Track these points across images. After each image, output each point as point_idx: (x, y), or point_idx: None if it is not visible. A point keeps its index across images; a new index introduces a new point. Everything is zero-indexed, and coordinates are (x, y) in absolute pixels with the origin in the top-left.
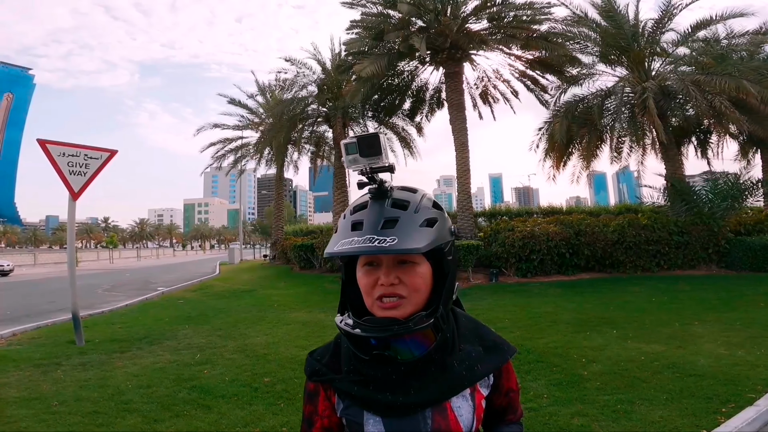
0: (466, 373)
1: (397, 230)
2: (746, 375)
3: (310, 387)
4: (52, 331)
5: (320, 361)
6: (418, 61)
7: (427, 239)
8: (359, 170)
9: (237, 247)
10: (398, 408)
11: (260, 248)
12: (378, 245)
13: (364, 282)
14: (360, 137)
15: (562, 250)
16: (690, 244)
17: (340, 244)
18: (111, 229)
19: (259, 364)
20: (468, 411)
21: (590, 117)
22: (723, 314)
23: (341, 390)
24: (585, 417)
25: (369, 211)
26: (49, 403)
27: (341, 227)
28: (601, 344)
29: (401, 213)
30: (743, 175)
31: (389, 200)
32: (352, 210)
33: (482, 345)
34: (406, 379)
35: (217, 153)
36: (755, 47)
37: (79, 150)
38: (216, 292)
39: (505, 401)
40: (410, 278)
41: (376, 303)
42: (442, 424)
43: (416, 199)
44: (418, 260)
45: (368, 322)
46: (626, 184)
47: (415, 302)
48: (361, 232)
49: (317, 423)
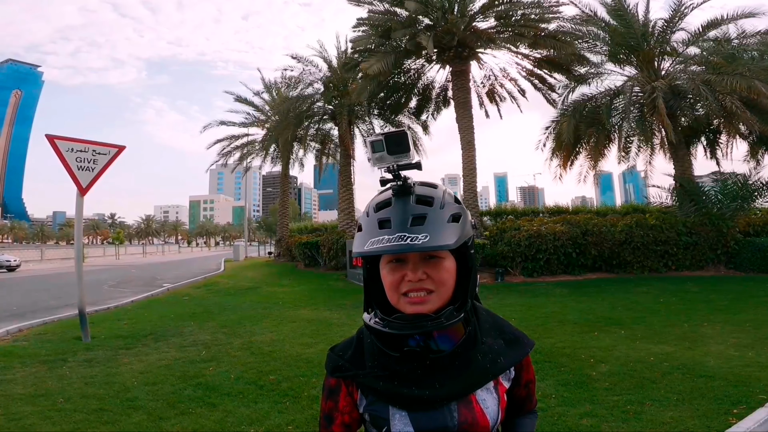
0: (490, 366)
1: (427, 227)
2: (757, 376)
3: (331, 383)
4: (58, 327)
5: (342, 356)
6: (424, 59)
7: (456, 235)
8: (385, 168)
9: (242, 244)
10: (424, 402)
11: (265, 246)
12: (410, 243)
13: (390, 279)
14: (387, 134)
15: (568, 249)
16: (698, 244)
17: (370, 243)
18: (117, 226)
19: (265, 361)
20: (493, 403)
21: (598, 116)
22: (732, 315)
23: (365, 385)
24: (594, 417)
25: (395, 209)
26: (55, 400)
27: (367, 225)
28: (609, 344)
29: (428, 209)
30: (753, 175)
31: (413, 196)
32: (375, 207)
33: (503, 338)
34: (432, 373)
35: (224, 150)
36: (766, 47)
37: (87, 146)
38: (221, 289)
39: (525, 392)
40: (437, 273)
41: (403, 299)
42: (468, 417)
43: (439, 194)
44: (444, 255)
45: (399, 319)
46: (632, 184)
47: (441, 297)
48: (391, 230)
49: (337, 419)
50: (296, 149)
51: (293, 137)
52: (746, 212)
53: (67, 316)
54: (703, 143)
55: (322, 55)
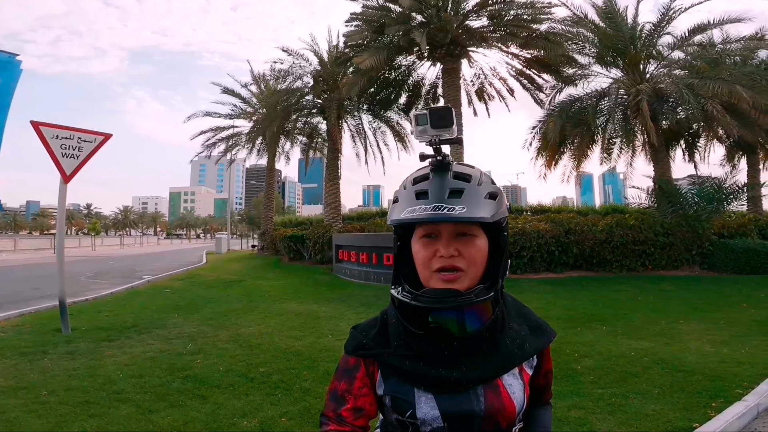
0: (518, 351)
1: (464, 200)
2: (732, 372)
3: (350, 362)
4: (37, 319)
5: (366, 335)
6: (416, 56)
7: (493, 210)
8: (427, 141)
9: (224, 236)
10: (452, 384)
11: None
12: (447, 213)
13: (422, 254)
14: (432, 109)
15: (551, 247)
16: (675, 245)
17: (406, 212)
18: (94, 216)
19: (254, 354)
20: (519, 389)
21: (584, 117)
22: (707, 314)
23: (390, 365)
24: (582, 410)
25: (433, 182)
26: (38, 393)
27: (403, 197)
28: (592, 340)
29: (465, 185)
30: (729, 179)
31: (451, 172)
32: (413, 181)
33: (527, 325)
34: (458, 355)
35: (208, 141)
36: (749, 52)
37: (72, 133)
38: (204, 282)
39: (543, 382)
40: (469, 251)
41: (435, 275)
42: (495, 401)
43: (477, 173)
44: (477, 233)
45: (427, 293)
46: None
47: (472, 276)
48: (428, 201)
49: (349, 402)
50: (283, 142)
51: (280, 130)
52: (721, 215)
53: (45, 308)
54: (682, 146)
55: (313, 48)
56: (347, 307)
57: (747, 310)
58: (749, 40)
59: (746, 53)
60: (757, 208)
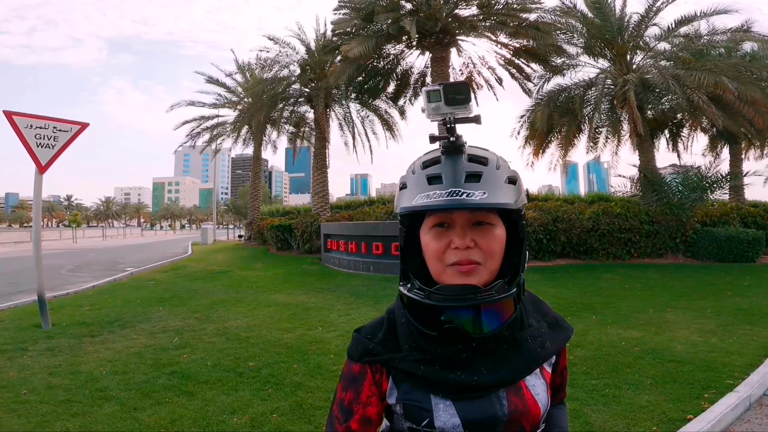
0: (540, 350)
1: (483, 185)
2: (722, 362)
3: (354, 369)
4: (15, 314)
5: (372, 339)
6: (405, 44)
7: (515, 196)
8: (441, 120)
9: (210, 227)
10: (472, 389)
11: (234, 228)
12: (466, 198)
13: (433, 246)
14: (446, 84)
15: (540, 236)
16: (659, 233)
17: (419, 198)
18: (74, 208)
19: (242, 347)
20: (543, 390)
21: (571, 107)
22: (693, 302)
23: (403, 371)
24: (576, 401)
25: (446, 165)
26: (18, 392)
27: (413, 182)
28: (582, 329)
29: (483, 168)
30: (712, 168)
31: (465, 155)
32: (422, 165)
33: (545, 321)
34: (477, 357)
35: (192, 131)
36: (734, 44)
37: (47, 122)
38: (189, 273)
39: (560, 379)
40: (487, 242)
41: (449, 269)
42: (519, 404)
43: (494, 157)
44: (495, 222)
45: (442, 290)
46: (596, 174)
47: (490, 269)
48: (442, 186)
49: (357, 413)
50: (269, 131)
51: (267, 119)
52: (704, 203)
53: (23, 303)
54: (666, 136)
55: (300, 37)
56: (336, 298)
57: (732, 299)
58: (735, 32)
59: (732, 45)
60: (739, 197)
